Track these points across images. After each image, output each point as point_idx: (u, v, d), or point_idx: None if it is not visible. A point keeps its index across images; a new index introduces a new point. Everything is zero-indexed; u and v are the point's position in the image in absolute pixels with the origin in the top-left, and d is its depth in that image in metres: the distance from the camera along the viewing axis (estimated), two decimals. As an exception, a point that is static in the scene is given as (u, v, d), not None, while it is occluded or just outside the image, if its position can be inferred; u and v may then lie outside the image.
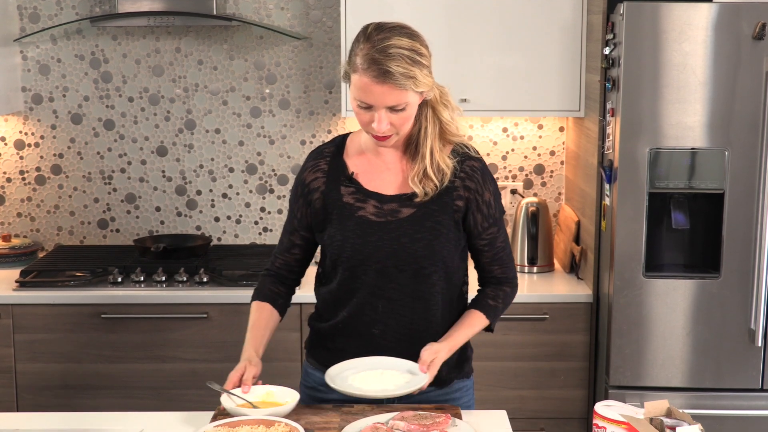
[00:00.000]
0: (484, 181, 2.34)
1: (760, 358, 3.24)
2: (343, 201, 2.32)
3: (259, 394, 2.25)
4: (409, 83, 2.16)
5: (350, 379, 2.24)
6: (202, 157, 3.99)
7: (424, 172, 2.28)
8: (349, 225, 2.31)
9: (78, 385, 3.48)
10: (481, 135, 3.97)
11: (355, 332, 2.36)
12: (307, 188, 2.37)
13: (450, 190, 2.31)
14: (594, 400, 3.46)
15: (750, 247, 3.18)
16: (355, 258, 2.30)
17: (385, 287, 2.32)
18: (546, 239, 3.77)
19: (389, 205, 2.31)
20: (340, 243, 2.31)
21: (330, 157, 2.38)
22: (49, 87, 3.94)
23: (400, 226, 2.29)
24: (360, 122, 2.25)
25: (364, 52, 2.17)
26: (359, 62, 2.17)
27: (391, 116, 2.20)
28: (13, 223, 4.02)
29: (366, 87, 2.16)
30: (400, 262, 2.30)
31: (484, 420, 2.26)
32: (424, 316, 2.35)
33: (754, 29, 3.07)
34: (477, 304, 2.42)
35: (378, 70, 2.14)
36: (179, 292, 3.48)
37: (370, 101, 2.18)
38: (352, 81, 2.20)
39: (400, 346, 2.34)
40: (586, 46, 3.55)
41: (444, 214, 2.31)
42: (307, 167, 2.39)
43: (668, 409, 1.96)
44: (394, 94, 2.17)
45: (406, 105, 2.20)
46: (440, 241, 2.31)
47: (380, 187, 2.33)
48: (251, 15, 3.89)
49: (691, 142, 3.15)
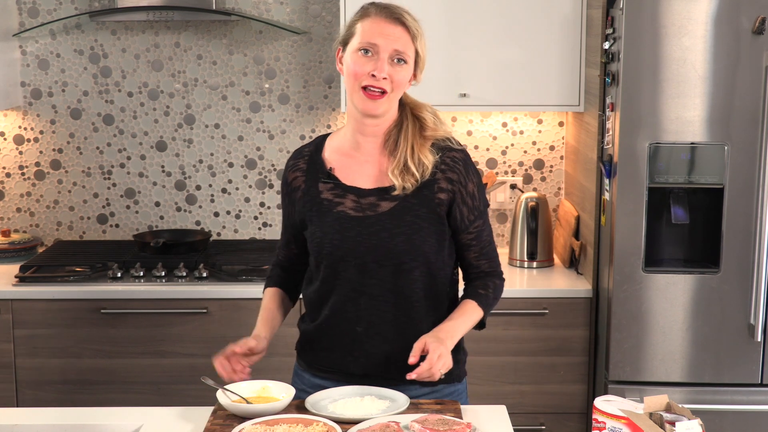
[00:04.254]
0: (467, 172, 2.30)
1: (760, 352, 3.24)
2: (322, 197, 2.32)
3: (255, 389, 2.26)
4: (417, 34, 2.25)
5: (330, 407, 2.19)
6: (202, 152, 3.99)
7: (405, 165, 2.26)
8: (328, 221, 2.30)
9: (78, 380, 3.48)
10: (480, 130, 3.96)
11: (339, 330, 2.34)
12: (290, 187, 2.39)
13: (431, 183, 2.28)
14: (593, 395, 3.47)
15: (749, 241, 3.18)
16: (335, 254, 2.29)
17: (365, 283, 2.29)
18: (545, 234, 3.77)
19: (367, 199, 2.29)
20: (320, 239, 2.30)
21: (308, 156, 2.38)
22: (48, 82, 3.93)
23: (379, 221, 2.27)
24: (354, 76, 2.23)
25: (376, 4, 2.27)
26: (372, 9, 2.26)
27: (391, 68, 2.22)
28: (13, 218, 4.02)
29: (379, 26, 2.22)
30: (379, 258, 2.27)
31: (483, 415, 2.26)
32: (407, 312, 2.31)
33: (754, 24, 3.07)
34: (467, 294, 2.37)
35: (393, 14, 2.25)
36: (179, 287, 3.48)
37: (379, 41, 2.21)
38: (358, 29, 2.24)
39: (385, 344, 2.31)
40: (586, 41, 3.55)
41: (424, 207, 2.27)
42: (288, 167, 2.41)
43: (668, 404, 1.96)
44: (404, 39, 2.23)
45: (407, 59, 2.24)
46: (420, 236, 2.27)
47: (358, 181, 2.32)
48: (250, 10, 3.88)
49: (691, 137, 3.15)
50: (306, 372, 2.43)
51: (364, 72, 2.22)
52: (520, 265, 3.76)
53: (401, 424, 2.06)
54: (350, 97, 2.28)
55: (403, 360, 2.19)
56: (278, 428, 2.05)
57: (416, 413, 2.15)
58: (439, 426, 2.04)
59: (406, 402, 2.19)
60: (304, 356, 2.45)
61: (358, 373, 2.34)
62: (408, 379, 2.17)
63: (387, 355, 2.32)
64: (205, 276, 3.53)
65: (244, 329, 3.44)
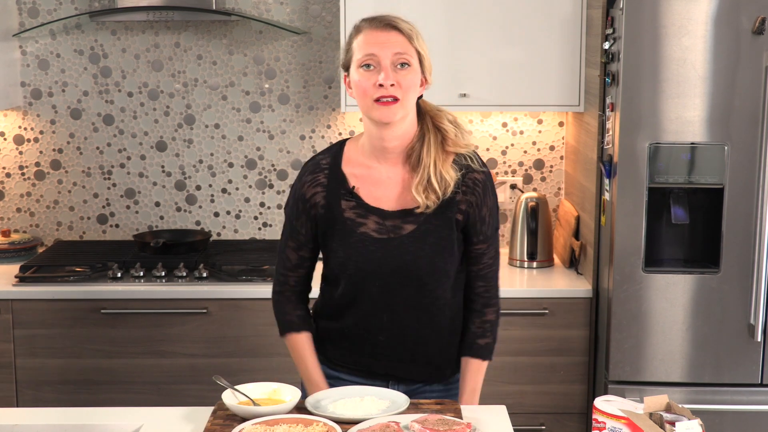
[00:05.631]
0: (484, 196, 2.32)
1: (760, 352, 3.24)
2: (345, 216, 2.29)
3: (266, 390, 2.26)
4: (413, 36, 2.23)
5: (330, 407, 2.19)
6: (202, 152, 3.99)
7: (428, 181, 2.25)
8: (352, 242, 2.28)
9: (78, 380, 3.48)
10: (480, 130, 3.96)
11: (360, 338, 2.36)
12: (308, 203, 2.33)
13: (451, 204, 2.29)
14: (593, 395, 3.47)
15: (749, 241, 3.18)
16: (358, 275, 2.30)
17: (389, 301, 2.32)
18: (545, 234, 3.77)
19: (391, 221, 2.29)
20: (343, 260, 2.30)
21: (328, 169, 2.32)
22: (48, 82, 3.93)
23: (403, 243, 2.28)
24: (363, 93, 2.22)
25: (367, 20, 2.26)
26: (363, 25, 2.25)
27: (396, 74, 2.20)
28: (13, 218, 4.02)
29: (373, 37, 2.22)
30: (403, 279, 2.30)
31: (483, 415, 2.26)
32: (430, 326, 2.36)
33: (754, 24, 3.07)
34: (469, 351, 2.40)
35: (383, 21, 2.24)
36: (179, 287, 3.48)
37: (377, 51, 2.20)
38: (355, 47, 2.24)
39: (406, 352, 2.37)
40: (586, 41, 3.55)
41: (446, 228, 2.29)
42: (305, 182, 2.34)
43: (668, 404, 1.96)
44: (400, 42, 2.21)
45: (411, 61, 2.22)
46: (443, 257, 2.30)
47: (381, 201, 2.30)
48: (250, 10, 3.88)
49: (691, 137, 3.15)
50: (322, 365, 2.43)
51: (371, 85, 2.21)
52: (520, 265, 3.76)
53: (401, 424, 2.06)
54: (366, 114, 2.26)
55: (425, 360, 2.36)
56: (278, 428, 2.05)
57: (416, 413, 2.15)
58: (439, 426, 2.04)
59: (406, 402, 2.19)
60: (324, 351, 2.44)
61: (380, 372, 2.39)
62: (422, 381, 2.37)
63: (409, 359, 2.37)
64: (205, 276, 3.53)
65: (244, 329, 3.47)
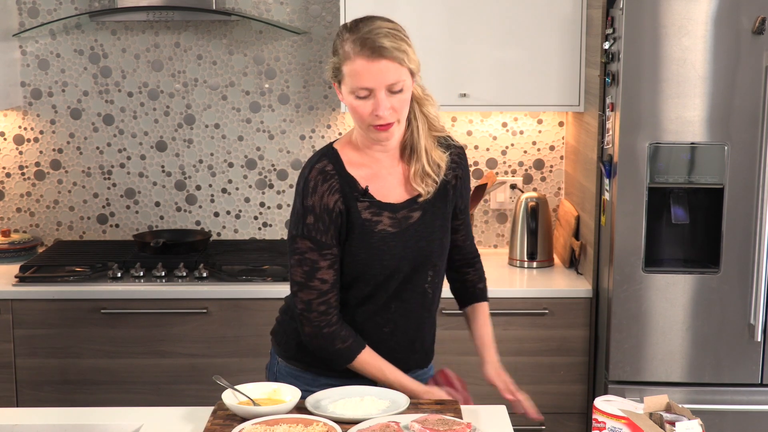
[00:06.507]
0: (467, 166, 2.44)
1: (760, 352, 3.24)
2: (362, 218, 2.28)
3: (266, 390, 2.26)
4: (403, 56, 2.17)
5: (330, 407, 2.18)
6: (202, 152, 3.99)
7: (423, 170, 2.31)
8: (373, 242, 2.28)
9: (78, 380, 3.48)
10: (480, 130, 3.96)
11: (365, 335, 2.35)
12: (334, 213, 2.26)
13: (445, 184, 2.36)
14: (593, 395, 3.47)
15: (749, 241, 3.18)
16: (383, 273, 2.30)
17: (402, 290, 2.34)
18: (545, 234, 3.77)
19: (401, 212, 2.32)
20: (366, 261, 2.28)
21: (337, 174, 2.28)
22: (48, 82, 3.93)
23: (416, 232, 2.32)
24: (360, 118, 2.21)
25: (352, 39, 2.17)
26: (349, 49, 2.17)
27: (390, 100, 2.18)
28: (13, 218, 4.02)
29: (362, 69, 2.15)
30: (418, 265, 2.33)
31: (483, 415, 2.26)
32: (427, 309, 2.41)
33: (754, 24, 3.07)
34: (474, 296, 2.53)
35: (371, 48, 2.14)
36: (179, 287, 3.48)
37: (369, 84, 2.16)
38: (345, 73, 2.18)
39: (406, 339, 2.38)
40: (586, 41, 3.55)
41: (447, 208, 2.38)
42: (322, 192, 2.25)
43: (668, 404, 1.96)
44: (392, 69, 2.16)
45: (403, 85, 2.19)
46: (448, 236, 2.40)
47: (389, 196, 2.32)
48: (250, 10, 3.88)
49: (691, 137, 3.15)
50: (307, 372, 2.39)
51: (367, 113, 2.20)
52: (520, 265, 3.76)
53: (401, 424, 2.06)
54: (362, 131, 2.27)
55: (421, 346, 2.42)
56: (278, 428, 2.05)
57: (416, 413, 2.15)
58: (439, 426, 2.04)
59: (406, 402, 2.19)
60: (312, 359, 2.37)
61: None
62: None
63: (408, 347, 2.39)
64: (205, 276, 3.53)
65: (244, 329, 3.47)
